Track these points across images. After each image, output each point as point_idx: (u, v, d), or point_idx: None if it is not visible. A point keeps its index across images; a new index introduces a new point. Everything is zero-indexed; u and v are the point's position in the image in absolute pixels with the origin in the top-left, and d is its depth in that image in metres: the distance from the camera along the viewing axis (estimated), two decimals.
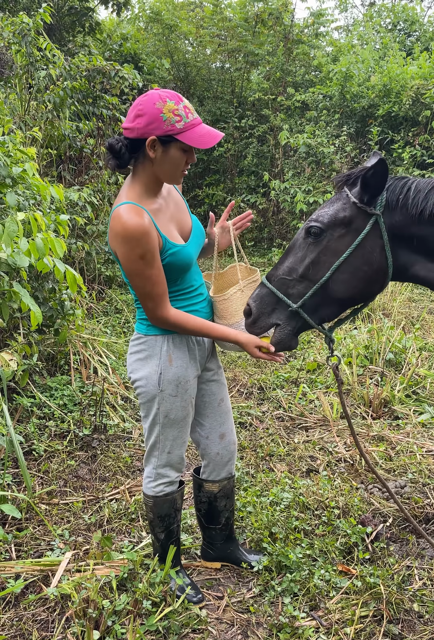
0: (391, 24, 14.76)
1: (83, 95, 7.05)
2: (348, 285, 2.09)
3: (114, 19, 14.06)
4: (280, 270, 2.17)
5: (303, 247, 2.13)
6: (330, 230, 2.08)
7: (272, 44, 12.05)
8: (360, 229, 2.05)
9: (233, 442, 2.70)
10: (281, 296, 2.14)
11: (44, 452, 3.88)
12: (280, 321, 2.17)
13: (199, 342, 2.45)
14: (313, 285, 2.11)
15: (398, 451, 3.94)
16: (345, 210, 2.07)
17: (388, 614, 2.50)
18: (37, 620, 2.53)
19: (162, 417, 2.41)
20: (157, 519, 2.58)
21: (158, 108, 2.06)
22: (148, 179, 2.20)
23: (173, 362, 2.36)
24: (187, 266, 2.32)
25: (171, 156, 2.13)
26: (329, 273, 2.07)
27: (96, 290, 6.96)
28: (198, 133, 2.11)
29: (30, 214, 3.37)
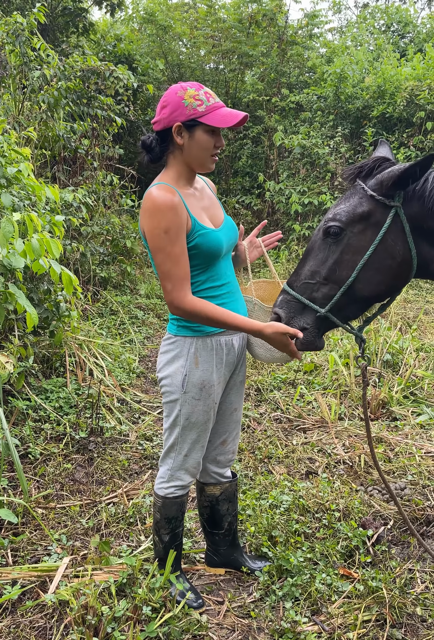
0: (385, 25, 14.79)
1: (78, 96, 7.02)
2: (373, 281, 2.03)
3: (108, 19, 14.03)
4: (302, 275, 2.10)
5: (323, 248, 2.06)
6: (350, 228, 2.01)
7: (266, 45, 12.05)
8: (381, 223, 1.98)
9: (232, 451, 2.66)
10: (307, 302, 2.08)
11: (40, 455, 3.83)
12: (308, 325, 2.11)
13: (229, 347, 2.38)
14: (338, 286, 2.04)
15: (397, 453, 3.92)
16: (362, 205, 2.00)
17: (391, 618, 2.47)
18: (34, 627, 2.48)
19: (183, 419, 2.38)
20: (164, 520, 2.54)
21: (180, 96, 2.16)
22: (181, 168, 2.26)
23: (200, 365, 2.32)
24: (217, 251, 2.27)
25: (197, 140, 2.18)
26: (355, 273, 2.01)
27: (91, 291, 6.91)
28: (220, 114, 2.15)
29: (26, 214, 3.33)
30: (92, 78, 7.17)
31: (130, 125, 10.12)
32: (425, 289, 8.43)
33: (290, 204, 9.43)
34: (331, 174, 9.53)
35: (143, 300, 7.56)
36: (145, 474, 3.74)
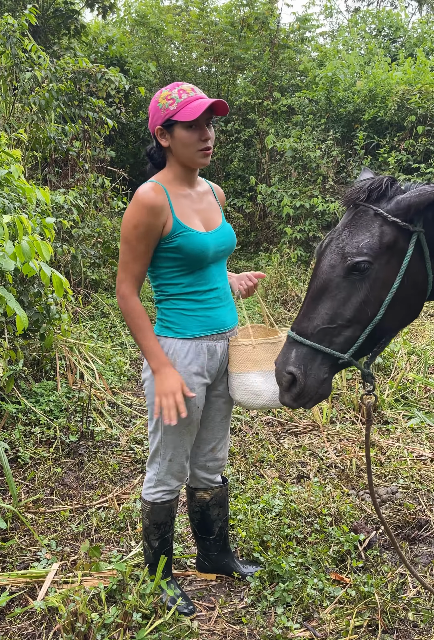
0: (376, 29, 14.85)
1: (69, 98, 6.98)
2: (398, 315, 1.87)
3: (100, 21, 13.99)
4: (317, 320, 1.85)
5: (346, 286, 1.82)
6: (378, 260, 1.81)
7: (258, 48, 12.06)
8: (404, 251, 1.82)
9: (222, 457, 2.63)
10: (328, 351, 1.84)
11: (29, 459, 3.80)
12: (327, 374, 1.88)
13: (212, 352, 2.35)
14: (363, 326, 1.84)
15: (389, 456, 3.91)
16: (386, 233, 1.81)
17: (383, 624, 2.46)
18: (23, 635, 2.45)
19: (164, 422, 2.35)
20: (153, 526, 2.52)
21: (156, 100, 2.23)
22: (176, 168, 2.29)
23: (177, 368, 2.29)
24: (201, 254, 2.24)
25: (178, 138, 2.20)
26: (383, 309, 1.81)
27: (82, 294, 6.87)
28: (190, 107, 2.15)
29: (16, 216, 3.30)
30: (83, 80, 7.13)
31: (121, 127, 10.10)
32: None
33: (282, 207, 9.43)
34: (322, 177, 9.54)
35: None
36: (136, 478, 3.71)
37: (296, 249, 9.17)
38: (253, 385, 2.30)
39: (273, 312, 7.33)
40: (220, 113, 2.22)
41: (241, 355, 2.31)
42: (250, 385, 2.31)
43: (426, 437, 4.17)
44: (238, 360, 2.33)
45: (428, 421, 4.42)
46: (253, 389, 2.30)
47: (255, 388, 2.30)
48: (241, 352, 2.31)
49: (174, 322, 2.30)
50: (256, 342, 2.31)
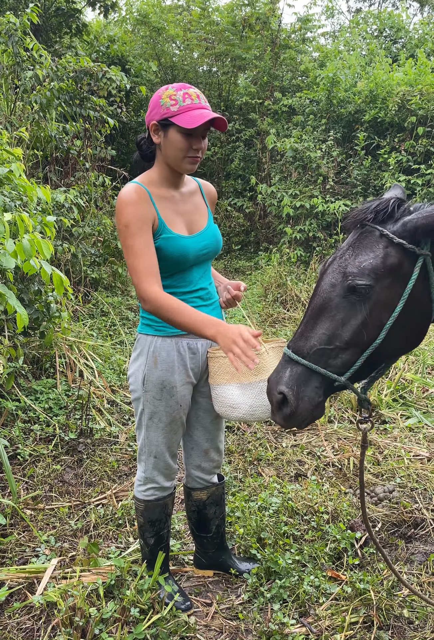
0: (377, 30, 14.86)
1: (70, 97, 6.99)
2: (399, 340, 1.81)
3: (101, 20, 14.02)
4: (314, 340, 1.79)
5: (345, 307, 1.76)
6: (380, 283, 1.75)
7: (259, 48, 12.09)
8: (409, 274, 1.75)
9: (216, 460, 2.61)
10: (324, 372, 1.77)
11: (29, 456, 3.82)
12: (321, 397, 1.81)
13: (193, 350, 2.35)
14: (362, 349, 1.77)
15: (386, 455, 3.94)
16: (390, 255, 1.75)
17: (378, 620, 2.48)
18: (22, 629, 2.48)
19: (146, 418, 2.38)
20: (148, 523, 2.54)
21: (159, 95, 2.20)
22: (162, 167, 2.29)
23: (158, 365, 2.30)
24: (181, 258, 2.24)
25: (170, 139, 2.19)
26: (383, 333, 1.75)
27: (82, 292, 6.89)
28: (190, 115, 2.13)
29: (17, 215, 3.32)
30: (84, 79, 7.15)
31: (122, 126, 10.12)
32: None
33: (282, 207, 9.45)
34: (323, 177, 9.56)
35: (135, 301, 7.55)
36: (135, 475, 3.73)
37: (296, 249, 9.20)
38: (230, 398, 2.24)
39: (272, 312, 7.35)
40: (219, 128, 2.21)
41: (219, 367, 2.26)
42: (227, 397, 2.25)
43: (423, 437, 4.19)
44: (216, 372, 2.28)
45: (425, 421, 4.44)
46: (229, 402, 2.24)
47: (231, 401, 2.24)
48: (219, 363, 2.26)
49: (154, 319, 2.30)
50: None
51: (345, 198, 9.44)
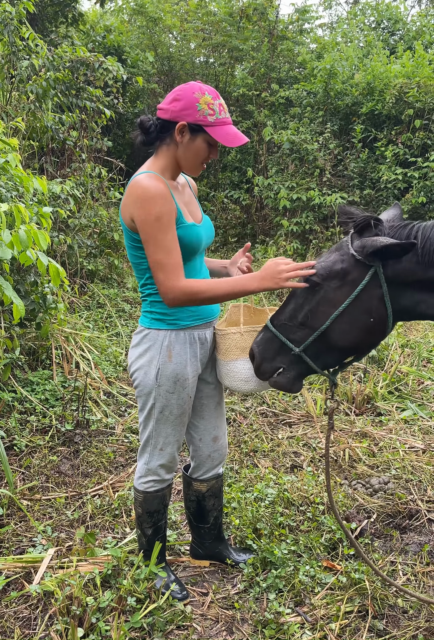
0: (375, 22, 14.81)
1: (67, 87, 6.95)
2: (348, 334, 2.08)
3: (97, 10, 13.91)
4: (283, 316, 2.16)
5: (303, 295, 2.13)
6: (327, 282, 2.07)
7: (257, 39, 12.02)
8: (358, 280, 2.03)
9: (225, 446, 2.67)
10: (284, 340, 2.14)
11: (25, 447, 3.83)
12: (284, 364, 2.17)
13: (202, 341, 2.40)
14: (313, 332, 2.10)
15: (381, 447, 3.96)
16: (342, 262, 2.05)
17: (373, 610, 2.51)
18: (19, 618, 2.49)
19: (157, 412, 2.38)
20: (146, 514, 2.55)
21: (196, 97, 2.14)
22: (169, 161, 2.26)
23: (173, 359, 2.32)
24: (196, 246, 2.28)
25: (196, 146, 2.18)
26: (328, 322, 2.06)
27: (78, 284, 6.88)
28: (226, 131, 2.16)
29: (13, 205, 3.31)
30: (81, 69, 7.10)
31: (119, 117, 10.08)
32: None
33: (279, 200, 9.44)
34: (319, 170, 9.55)
35: (131, 293, 7.55)
36: (131, 466, 3.75)
37: (293, 241, 9.19)
38: (242, 372, 2.34)
39: (268, 304, 7.35)
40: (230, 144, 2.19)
41: (229, 343, 2.34)
42: (239, 372, 2.34)
43: (418, 429, 4.22)
44: (226, 348, 2.35)
45: (420, 413, 4.47)
46: (241, 376, 2.34)
47: (243, 375, 2.34)
48: (229, 340, 2.34)
49: (166, 313, 2.31)
50: (244, 329, 2.33)
51: (341, 191, 9.44)
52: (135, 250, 2.27)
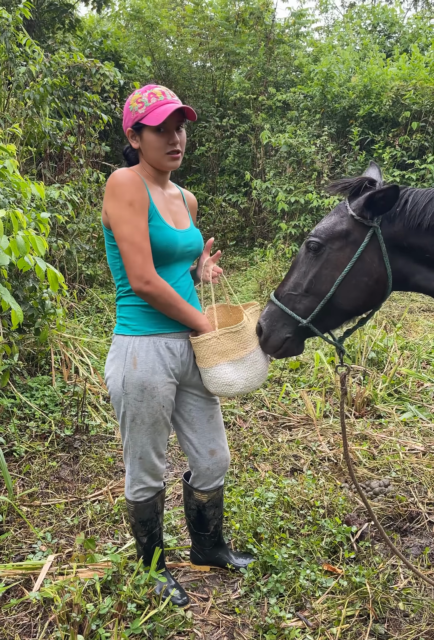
0: (371, 25, 14.86)
1: (64, 92, 6.97)
2: (350, 296, 2.11)
3: (94, 16, 13.95)
4: (286, 287, 2.20)
5: (305, 262, 2.16)
6: (329, 244, 2.09)
7: (253, 43, 12.06)
8: (359, 241, 2.06)
9: (225, 458, 2.60)
10: (290, 312, 2.17)
11: (24, 453, 3.82)
12: (290, 334, 2.21)
13: (172, 352, 2.32)
14: (319, 299, 2.13)
15: (381, 450, 3.95)
16: (342, 223, 2.08)
17: (374, 614, 2.49)
18: (19, 625, 2.48)
19: (129, 420, 2.34)
20: (139, 523, 2.54)
21: (128, 102, 2.27)
22: (148, 168, 2.32)
23: (138, 366, 2.25)
24: (170, 249, 2.24)
25: (147, 141, 2.23)
26: (334, 288, 2.08)
27: (77, 289, 6.89)
28: (157, 112, 2.17)
29: (11, 211, 3.31)
30: (78, 75, 7.13)
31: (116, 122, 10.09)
32: None
33: (277, 203, 9.45)
34: (317, 172, 9.56)
35: None
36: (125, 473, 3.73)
37: (291, 244, 9.20)
38: (224, 376, 2.28)
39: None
40: (189, 118, 2.24)
41: (206, 350, 2.28)
42: (221, 377, 2.29)
43: (418, 431, 4.21)
44: (203, 355, 2.29)
45: (420, 415, 4.46)
46: (224, 381, 2.29)
47: (226, 379, 2.28)
48: (205, 346, 2.28)
49: (131, 318, 2.28)
50: (219, 332, 2.27)
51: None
52: (111, 250, 2.28)
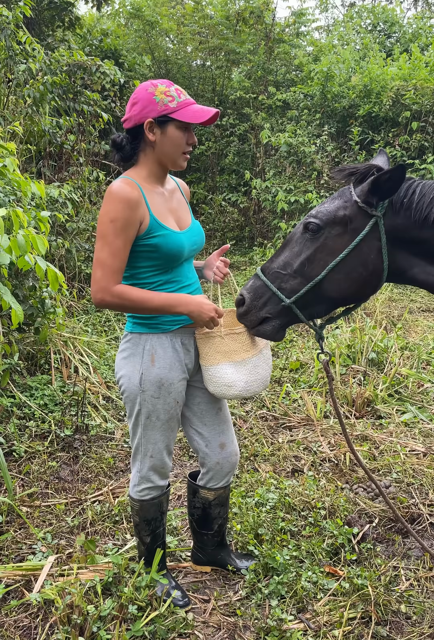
0: (371, 25, 14.84)
1: (64, 91, 6.95)
2: (341, 285, 2.06)
3: (94, 14, 13.91)
4: (275, 264, 2.14)
5: (300, 242, 2.10)
6: (328, 228, 2.04)
7: (253, 42, 12.04)
8: (359, 229, 2.01)
9: (235, 453, 2.60)
10: (274, 290, 2.10)
11: (24, 453, 3.80)
12: (271, 314, 2.14)
13: (186, 347, 2.37)
14: (307, 282, 2.07)
15: (382, 451, 3.94)
16: (345, 209, 2.03)
17: (376, 616, 2.48)
18: (19, 627, 2.46)
19: (144, 418, 2.35)
20: (143, 522, 2.53)
21: (151, 92, 2.15)
22: (152, 166, 2.24)
23: (156, 363, 2.29)
24: (177, 253, 2.25)
25: (170, 136, 2.17)
26: (325, 272, 2.03)
27: (76, 288, 6.86)
28: (192, 110, 2.15)
29: (11, 210, 3.29)
30: (78, 73, 7.10)
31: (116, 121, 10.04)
32: (410, 288, 8.48)
33: (276, 202, 9.43)
34: (317, 172, 9.55)
35: None
36: (131, 472, 3.72)
37: None
38: (224, 377, 2.30)
39: None
40: (210, 121, 2.20)
41: (210, 347, 2.31)
42: (221, 377, 2.30)
43: (419, 432, 4.20)
44: (207, 352, 2.32)
45: (420, 416, 4.45)
46: (224, 381, 2.30)
47: (226, 380, 2.30)
48: (209, 344, 2.31)
49: (147, 317, 2.29)
50: (224, 332, 2.29)
51: None
52: None
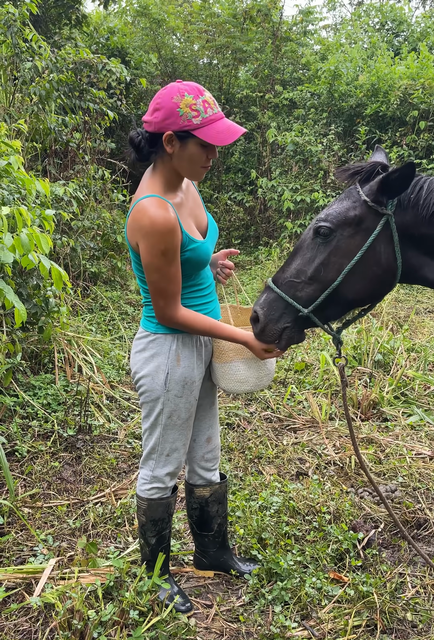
0: (379, 23, 14.76)
1: (70, 89, 6.92)
2: (357, 286, 2.04)
3: (101, 12, 13.89)
4: (288, 273, 2.09)
5: (312, 247, 2.05)
6: (340, 230, 2.01)
7: (260, 41, 11.99)
8: (371, 229, 1.98)
9: (218, 446, 2.67)
10: (290, 301, 2.07)
11: (27, 453, 3.78)
12: (289, 324, 2.11)
13: (206, 343, 2.41)
14: (323, 287, 2.03)
15: (388, 454, 3.90)
16: (355, 209, 2.00)
17: (382, 624, 2.44)
18: (19, 631, 2.44)
19: (165, 418, 2.35)
20: (150, 522, 2.50)
21: (176, 102, 2.00)
22: (169, 174, 2.16)
23: (181, 362, 2.31)
24: (205, 262, 2.28)
25: (189, 152, 2.07)
26: (341, 277, 2.00)
27: (81, 287, 6.84)
28: (216, 129, 2.03)
29: (15, 208, 3.26)
30: (84, 71, 7.07)
31: (122, 119, 10.03)
32: (416, 289, 8.42)
33: (282, 202, 9.39)
34: (323, 171, 9.50)
35: (134, 296, 7.50)
36: (134, 473, 3.69)
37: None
38: (237, 373, 2.35)
39: None
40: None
41: (223, 345, 2.36)
42: (234, 374, 2.36)
43: (425, 435, 4.15)
44: (221, 350, 2.37)
45: (427, 419, 4.40)
46: (237, 377, 2.36)
47: (239, 376, 2.35)
48: (222, 342, 2.36)
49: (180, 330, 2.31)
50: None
51: None
52: (139, 272, 2.27)
